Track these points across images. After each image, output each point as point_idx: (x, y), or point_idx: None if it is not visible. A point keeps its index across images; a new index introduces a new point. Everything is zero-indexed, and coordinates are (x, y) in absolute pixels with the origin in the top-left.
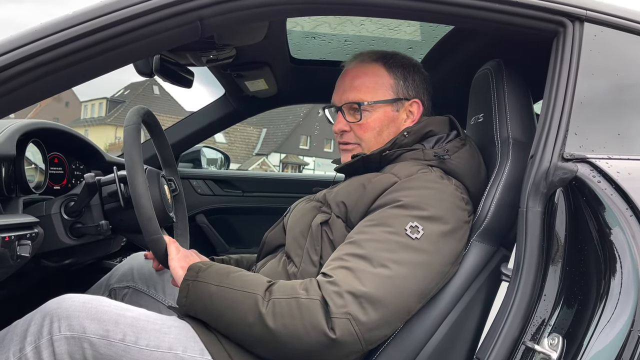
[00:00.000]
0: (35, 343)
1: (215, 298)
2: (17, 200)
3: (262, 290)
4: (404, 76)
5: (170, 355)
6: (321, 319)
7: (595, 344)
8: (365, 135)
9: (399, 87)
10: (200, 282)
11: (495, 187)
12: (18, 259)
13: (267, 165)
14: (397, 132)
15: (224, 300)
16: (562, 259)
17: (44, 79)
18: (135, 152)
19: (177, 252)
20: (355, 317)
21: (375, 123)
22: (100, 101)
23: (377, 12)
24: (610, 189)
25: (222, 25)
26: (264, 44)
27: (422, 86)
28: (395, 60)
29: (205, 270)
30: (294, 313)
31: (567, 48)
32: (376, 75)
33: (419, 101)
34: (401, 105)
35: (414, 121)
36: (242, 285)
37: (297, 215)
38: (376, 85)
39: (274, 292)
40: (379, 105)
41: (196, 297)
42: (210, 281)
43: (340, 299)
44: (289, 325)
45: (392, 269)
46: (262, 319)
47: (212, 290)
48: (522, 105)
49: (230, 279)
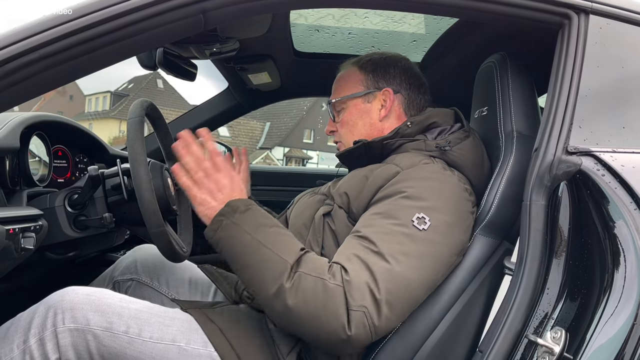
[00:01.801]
0: (39, 335)
1: (245, 248)
2: (21, 192)
3: (293, 259)
4: (373, 69)
5: (174, 347)
6: (342, 308)
7: (598, 337)
8: (342, 131)
9: (368, 80)
10: (234, 225)
11: (498, 180)
12: (22, 251)
13: (271, 159)
14: (373, 123)
15: (252, 255)
16: (565, 253)
17: (47, 72)
18: (138, 145)
19: (199, 190)
20: (370, 311)
21: (348, 117)
22: (104, 95)
23: (382, 4)
24: (615, 183)
25: (226, 17)
26: (268, 36)
27: (398, 77)
28: (368, 59)
29: (244, 213)
30: (318, 294)
31: (572, 40)
32: (348, 75)
33: (390, 90)
34: (373, 96)
35: (387, 109)
36: (277, 245)
37: (301, 208)
38: (347, 84)
39: (303, 265)
40: (349, 100)
41: (226, 237)
42: (246, 228)
43: (358, 292)
44: (310, 303)
45: (403, 261)
46: (283, 293)
47: (244, 239)
48: (527, 98)
49: (266, 234)
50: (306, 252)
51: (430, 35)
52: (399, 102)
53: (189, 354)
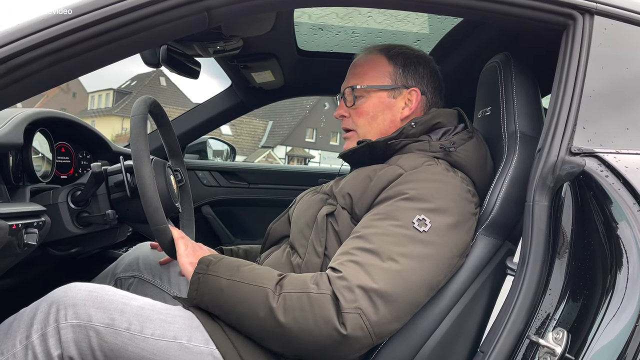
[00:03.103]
0: (41, 331)
1: (226, 292)
2: (25, 189)
3: (272, 284)
4: (404, 64)
5: (175, 344)
6: (332, 314)
7: (600, 338)
8: (360, 121)
9: (397, 75)
10: (210, 276)
11: (502, 180)
12: (25, 247)
13: (273, 157)
14: (393, 120)
15: (234, 294)
16: (568, 254)
17: (51, 68)
18: (141, 142)
19: (185, 247)
20: (366, 312)
21: (369, 108)
22: (107, 92)
23: (386, 3)
24: (618, 184)
25: (230, 15)
26: (271, 35)
27: (426, 78)
28: (398, 50)
29: (215, 264)
30: (305, 307)
31: (577, 41)
32: (376, 62)
33: (417, 90)
34: (399, 93)
35: (411, 109)
36: (253, 279)
37: (303, 207)
38: (374, 72)
39: (285, 286)
40: (374, 90)
41: (207, 291)
42: (220, 275)
43: (351, 293)
44: (299, 319)
45: (401, 262)
46: (273, 313)
47: (222, 284)
48: (530, 98)
49: (241, 273)
50: (284, 276)
51: (434, 34)
52: (423, 103)
53: (190, 352)
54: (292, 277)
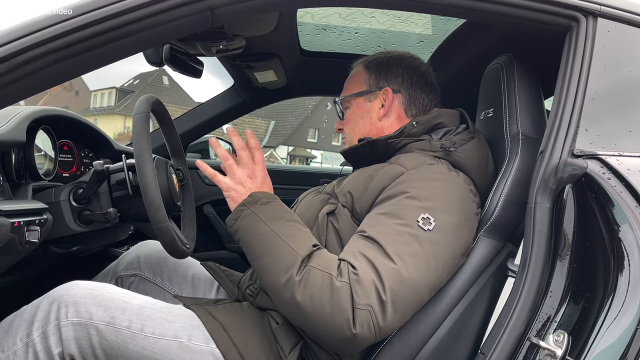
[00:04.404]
0: (42, 328)
1: (261, 238)
2: (27, 186)
3: (305, 253)
4: (376, 68)
5: (176, 343)
6: (348, 305)
7: (601, 341)
8: (346, 129)
9: (371, 79)
10: (254, 215)
11: (503, 182)
12: (27, 244)
13: (275, 157)
14: (372, 122)
15: (268, 245)
16: (569, 256)
17: (54, 66)
18: (144, 141)
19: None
20: (375, 310)
21: (351, 115)
22: (110, 91)
23: (389, 4)
24: (620, 186)
25: (233, 14)
26: (274, 35)
27: (400, 76)
28: (373, 58)
29: (264, 204)
30: (325, 289)
31: (580, 43)
32: (356, 74)
33: (389, 89)
34: (374, 95)
35: (386, 109)
36: (291, 238)
37: (305, 206)
38: (354, 82)
39: (314, 259)
40: (353, 98)
41: (245, 226)
42: (263, 219)
43: (363, 290)
44: (316, 299)
45: (408, 262)
46: (292, 287)
47: (261, 230)
48: (533, 100)
49: (283, 226)
50: (319, 248)
51: (437, 35)
52: (399, 101)
53: (190, 350)
54: (323, 253)
